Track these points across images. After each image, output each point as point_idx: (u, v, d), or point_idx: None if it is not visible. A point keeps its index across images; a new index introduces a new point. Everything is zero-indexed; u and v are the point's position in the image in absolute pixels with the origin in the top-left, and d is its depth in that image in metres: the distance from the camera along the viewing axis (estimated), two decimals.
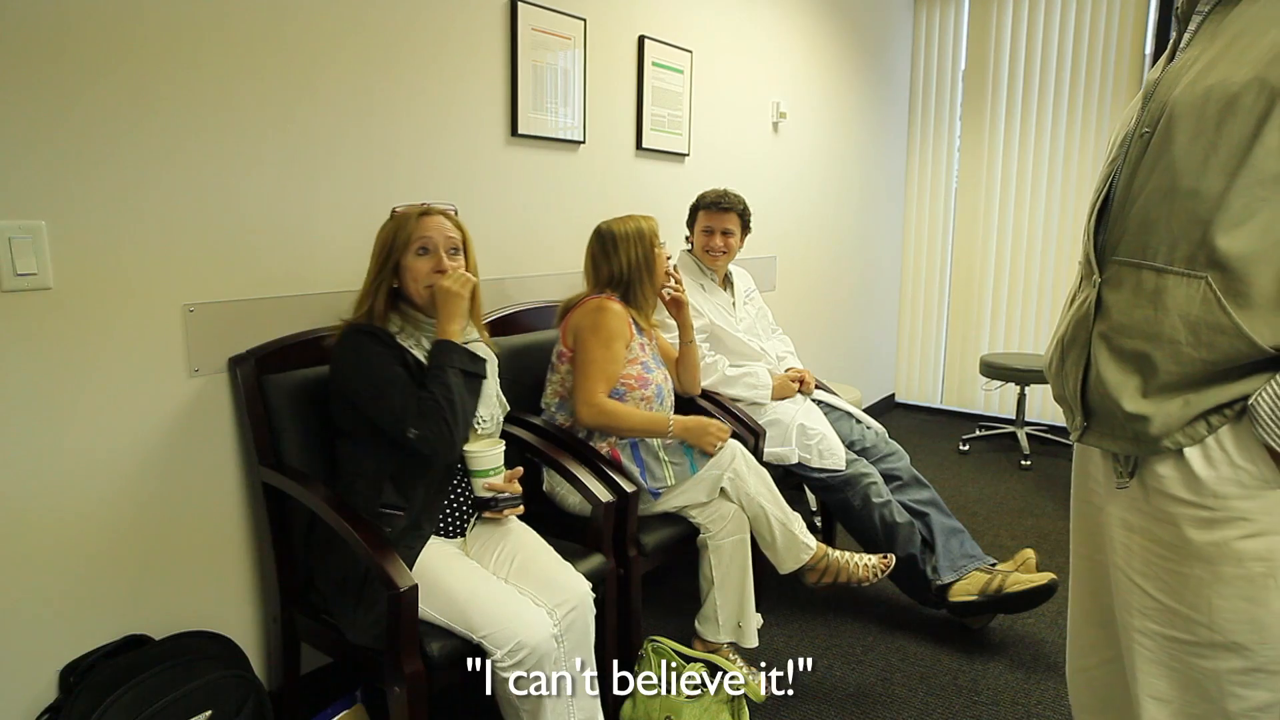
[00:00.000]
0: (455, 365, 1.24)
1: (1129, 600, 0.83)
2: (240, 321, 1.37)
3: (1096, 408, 0.83)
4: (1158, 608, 0.80)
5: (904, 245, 4.00)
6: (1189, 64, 0.77)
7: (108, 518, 1.24)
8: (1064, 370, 0.87)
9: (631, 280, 1.68)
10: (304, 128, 1.43)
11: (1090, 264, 0.83)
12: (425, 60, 1.64)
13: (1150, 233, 0.77)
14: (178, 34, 1.25)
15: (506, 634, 1.15)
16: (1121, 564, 0.84)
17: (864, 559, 1.68)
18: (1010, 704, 1.62)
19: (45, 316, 1.15)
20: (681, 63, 2.33)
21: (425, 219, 1.30)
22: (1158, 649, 0.81)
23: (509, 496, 1.34)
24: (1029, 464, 3.13)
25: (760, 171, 2.79)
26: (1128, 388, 0.78)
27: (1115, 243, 0.80)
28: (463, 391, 1.24)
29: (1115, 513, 0.85)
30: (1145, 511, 0.81)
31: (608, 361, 1.61)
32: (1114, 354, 0.80)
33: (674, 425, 1.64)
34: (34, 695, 1.18)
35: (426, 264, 1.29)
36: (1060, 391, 0.89)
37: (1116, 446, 0.82)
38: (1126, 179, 0.80)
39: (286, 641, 1.39)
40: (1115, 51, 3.33)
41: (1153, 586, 0.81)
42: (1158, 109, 0.78)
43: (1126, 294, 0.79)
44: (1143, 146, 0.78)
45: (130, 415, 1.25)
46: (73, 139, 1.15)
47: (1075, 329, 0.84)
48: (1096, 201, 0.83)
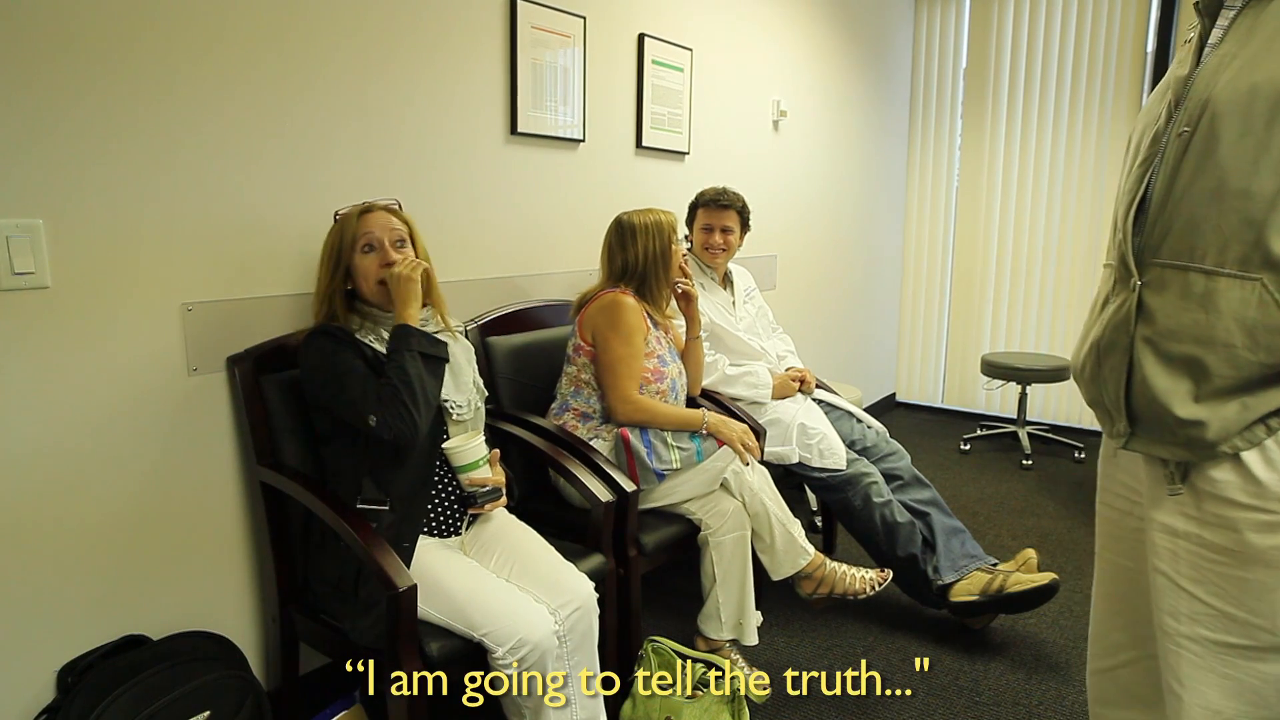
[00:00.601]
0: (413, 349, 1.23)
1: (1176, 606, 0.81)
2: (238, 320, 1.37)
3: (1143, 414, 0.81)
4: (1211, 613, 0.78)
5: (905, 244, 3.99)
6: (1226, 60, 0.75)
7: (105, 517, 1.24)
8: (1101, 376, 0.85)
9: (646, 273, 1.68)
10: (302, 126, 1.43)
11: (1128, 266, 0.81)
12: (424, 58, 1.63)
13: (1197, 234, 0.75)
14: (176, 33, 1.25)
15: (507, 631, 1.15)
16: (1166, 569, 0.82)
17: (861, 572, 1.67)
18: (1011, 704, 1.61)
19: (43, 315, 1.15)
20: (682, 61, 2.33)
21: (366, 216, 1.30)
22: (1209, 655, 0.79)
23: (489, 490, 1.32)
24: (1030, 464, 3.12)
25: (761, 170, 2.79)
26: (1178, 393, 0.77)
27: (1156, 244, 0.79)
28: (422, 374, 1.23)
29: (1157, 518, 0.83)
30: (1195, 516, 0.79)
31: (633, 358, 1.62)
32: (1161, 359, 0.78)
33: (709, 419, 1.64)
34: (31, 696, 1.18)
35: (373, 260, 1.28)
36: (1097, 397, 0.87)
37: (1167, 453, 0.80)
38: (1166, 179, 0.78)
39: (285, 642, 1.39)
40: (1117, 49, 3.32)
41: (1205, 592, 0.79)
42: (1196, 107, 0.75)
43: (1172, 297, 0.77)
44: (1182, 146, 0.76)
45: (128, 414, 1.25)
46: (71, 137, 1.15)
47: (1113, 333, 0.82)
48: (1133, 203, 0.81)
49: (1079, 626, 1.91)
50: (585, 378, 1.67)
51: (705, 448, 1.63)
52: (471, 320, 1.77)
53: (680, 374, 1.76)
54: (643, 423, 1.63)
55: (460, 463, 1.30)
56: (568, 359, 1.71)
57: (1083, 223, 3.50)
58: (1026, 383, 3.23)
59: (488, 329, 1.78)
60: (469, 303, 1.79)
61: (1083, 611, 1.98)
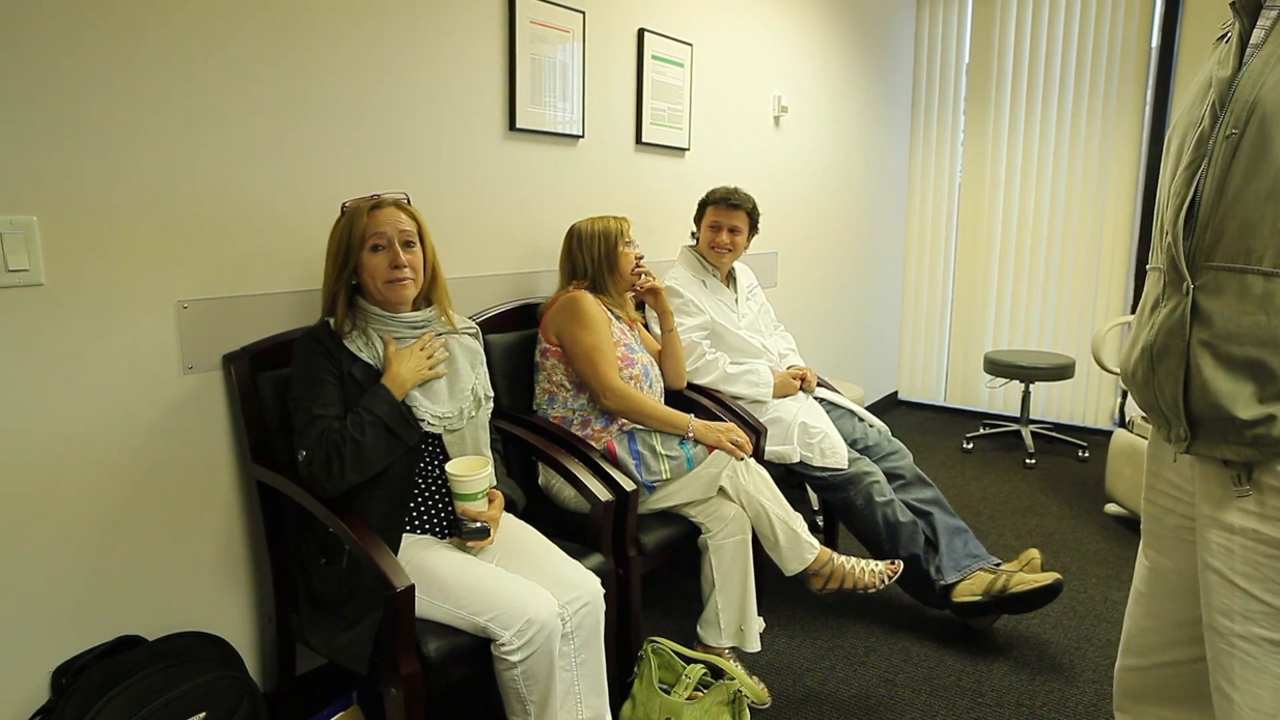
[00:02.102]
0: (379, 418, 1.19)
1: (1229, 604, 0.81)
2: (234, 318, 1.36)
3: (1204, 417, 0.81)
4: (1267, 611, 0.78)
5: (907, 241, 3.97)
6: (1272, 62, 0.75)
7: (100, 516, 1.23)
8: (1156, 380, 0.84)
9: (596, 275, 1.74)
10: (300, 123, 1.42)
11: (1179, 270, 0.81)
12: (422, 54, 1.62)
13: (1254, 236, 0.75)
14: (175, 28, 1.23)
15: (514, 613, 1.13)
16: (1220, 566, 0.81)
17: (871, 565, 1.65)
18: (1015, 706, 1.60)
19: (37, 313, 1.14)
20: (682, 56, 2.31)
21: (377, 213, 1.27)
22: (1264, 655, 0.78)
23: (478, 527, 1.24)
24: (1033, 462, 3.11)
25: (761, 166, 2.77)
26: (1242, 395, 0.77)
27: (1209, 248, 0.79)
28: (376, 445, 1.19)
29: (1215, 515, 0.83)
30: (1255, 512, 0.79)
31: (604, 345, 1.64)
32: (1222, 362, 0.78)
33: (695, 425, 1.64)
34: (25, 697, 1.17)
35: (382, 260, 1.26)
36: (1152, 402, 0.87)
37: (1233, 454, 0.79)
38: (1216, 182, 0.78)
39: (281, 642, 1.38)
40: (1121, 44, 3.30)
41: (1261, 589, 0.78)
42: (1244, 109, 0.75)
43: (1230, 300, 0.77)
44: (1231, 148, 0.76)
45: (123, 412, 1.24)
46: (66, 134, 1.14)
47: (1167, 337, 0.82)
48: (1182, 206, 0.81)
49: (1083, 627, 1.90)
50: (558, 379, 1.68)
51: (695, 454, 1.63)
52: (470, 317, 1.76)
53: (652, 363, 1.79)
54: (627, 411, 1.63)
55: (460, 491, 1.24)
56: (537, 366, 1.71)
57: (1086, 220, 3.48)
58: (1030, 381, 3.21)
59: (486, 326, 1.76)
60: (467, 300, 1.78)
61: (1087, 612, 1.97)
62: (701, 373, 1.99)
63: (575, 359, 1.64)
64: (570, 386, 1.67)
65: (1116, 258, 3.45)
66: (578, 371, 1.65)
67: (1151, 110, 3.27)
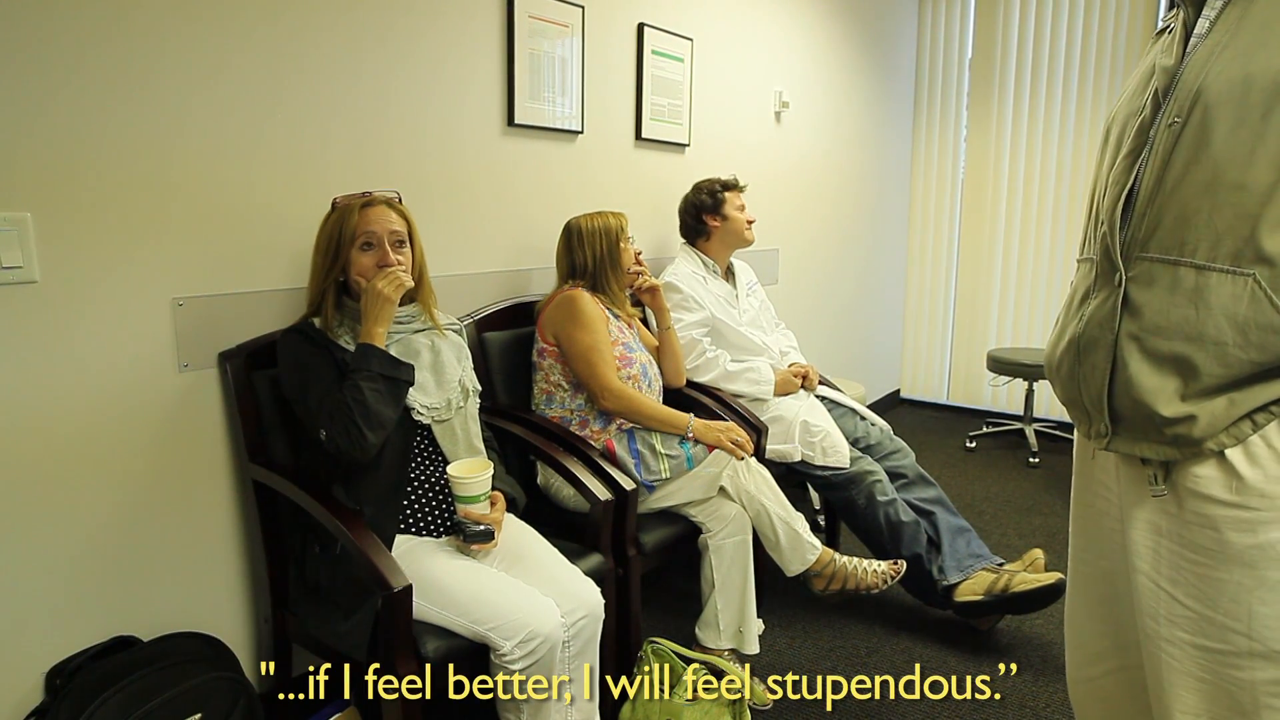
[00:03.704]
0: (372, 370, 1.19)
1: (1156, 608, 0.79)
2: (230, 315, 1.34)
3: (1126, 413, 0.78)
4: (1189, 615, 0.76)
5: (909, 237, 3.95)
6: (1217, 50, 0.73)
7: (94, 516, 1.22)
8: (1080, 373, 0.82)
9: (597, 272, 1.71)
10: (296, 118, 1.40)
11: (1112, 261, 0.79)
12: (420, 49, 1.60)
13: (1188, 228, 0.73)
14: (166, 21, 1.22)
15: (517, 624, 1.12)
16: (1148, 570, 0.80)
17: (873, 565, 1.64)
18: (1018, 707, 1.58)
19: (31, 310, 1.13)
20: (682, 51, 2.29)
21: (368, 211, 1.26)
22: (1187, 659, 0.77)
23: (482, 530, 1.23)
24: (1037, 461, 3.09)
25: (762, 162, 2.75)
26: (1165, 391, 0.74)
27: (1144, 239, 0.76)
28: (378, 397, 1.19)
29: (1141, 516, 0.81)
30: (1176, 515, 0.77)
31: (601, 344, 1.62)
32: (1148, 356, 0.76)
33: (694, 425, 1.62)
34: (19, 698, 1.16)
35: (371, 259, 1.26)
36: (1074, 396, 0.84)
37: (1152, 452, 0.77)
38: (1156, 172, 0.75)
39: (278, 643, 1.37)
40: (1125, 39, 3.27)
41: (1183, 593, 0.77)
42: (1187, 97, 0.73)
43: (1161, 293, 0.74)
44: (1173, 137, 0.74)
45: (118, 411, 1.23)
46: (59, 129, 1.13)
47: (1096, 329, 0.80)
48: (1120, 195, 0.78)
49: None
50: (555, 379, 1.66)
51: (695, 454, 1.61)
52: (467, 315, 1.75)
53: (651, 362, 1.77)
54: (626, 411, 1.61)
55: (461, 493, 1.23)
56: (534, 366, 1.70)
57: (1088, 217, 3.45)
58: (1033, 379, 3.19)
59: (483, 324, 1.75)
60: (464, 297, 1.76)
61: None
62: (702, 370, 1.98)
63: (572, 359, 1.63)
64: (568, 386, 1.66)
65: None
66: (575, 372, 1.64)
67: None
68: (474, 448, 1.36)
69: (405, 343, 1.32)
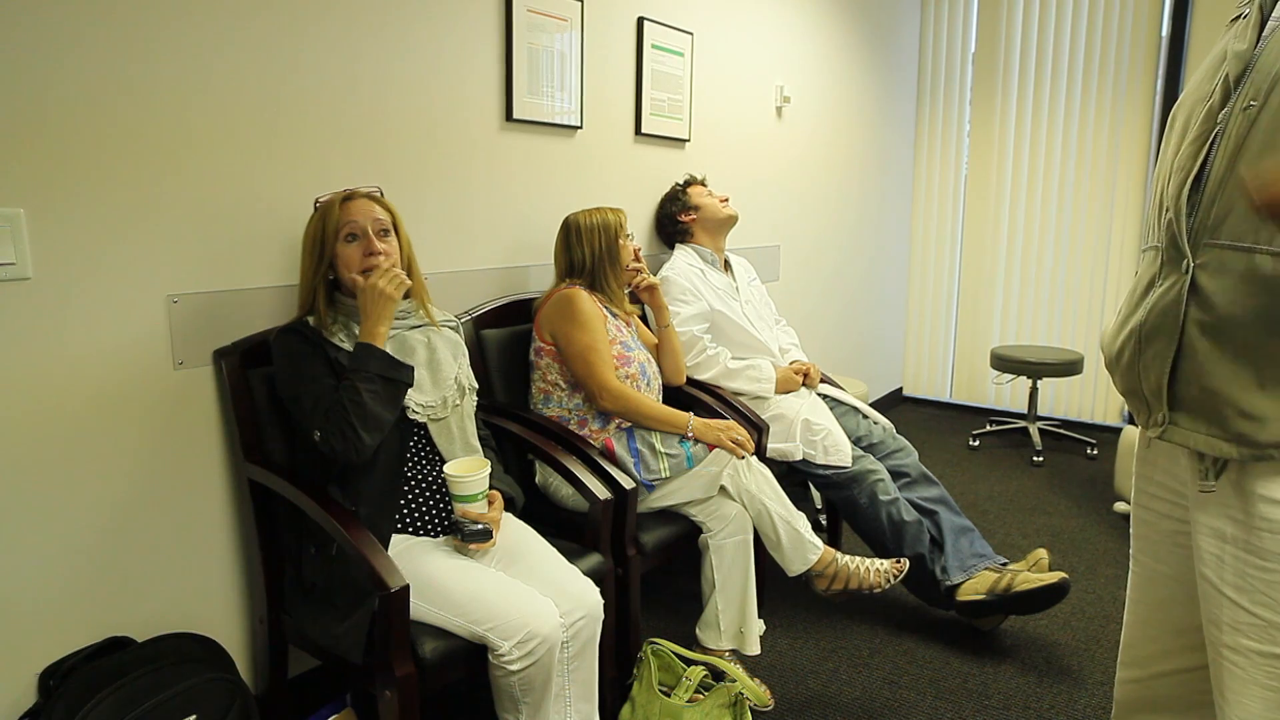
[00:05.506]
0: (370, 371, 1.18)
1: (1218, 615, 0.78)
2: (225, 312, 1.33)
3: (1190, 403, 0.77)
4: (1255, 623, 0.75)
5: (912, 234, 3.93)
6: None
7: (88, 515, 1.21)
8: (1142, 363, 0.80)
9: (595, 270, 1.69)
10: (292, 113, 1.39)
11: (1179, 248, 0.76)
12: (417, 44, 1.58)
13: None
14: (160, 18, 1.20)
15: (516, 624, 1.11)
16: (1211, 576, 0.78)
17: (876, 564, 1.62)
18: (1021, 708, 1.57)
19: (24, 307, 1.11)
20: (682, 45, 2.27)
21: (349, 204, 1.26)
22: (1252, 668, 0.75)
23: (480, 529, 1.21)
24: (1041, 460, 3.07)
25: (763, 157, 2.73)
26: (1240, 381, 0.72)
27: (1215, 225, 0.74)
28: (375, 399, 1.17)
29: (1204, 521, 0.79)
30: (1243, 521, 0.75)
31: (599, 344, 1.60)
32: (1220, 346, 0.73)
33: (694, 424, 1.61)
34: (13, 699, 1.15)
35: (356, 250, 1.25)
36: (1134, 386, 0.82)
37: (1208, 446, 0.75)
38: (1228, 156, 0.73)
39: (273, 644, 1.36)
40: (1130, 33, 3.24)
41: (1249, 600, 0.75)
42: (1265, 81, 0.71)
43: (1233, 281, 0.72)
44: (1249, 121, 0.72)
45: (112, 409, 1.22)
46: (52, 125, 1.11)
47: (1159, 318, 0.78)
48: (1186, 181, 0.76)
49: (1091, 628, 1.86)
50: (552, 379, 1.65)
51: (695, 453, 1.60)
52: (465, 312, 1.74)
53: (649, 360, 1.75)
54: (625, 411, 1.60)
55: (458, 492, 1.22)
56: (532, 365, 1.68)
57: (1095, 213, 3.43)
58: (1037, 377, 3.17)
59: (481, 321, 1.74)
60: (462, 294, 1.75)
61: (1095, 613, 1.94)
62: (702, 368, 1.96)
63: (570, 359, 1.61)
64: (565, 386, 1.65)
65: (1126, 251, 3.40)
66: (573, 372, 1.62)
67: (1161, 101, 3.21)
68: (471, 446, 1.35)
69: (401, 339, 1.31)
